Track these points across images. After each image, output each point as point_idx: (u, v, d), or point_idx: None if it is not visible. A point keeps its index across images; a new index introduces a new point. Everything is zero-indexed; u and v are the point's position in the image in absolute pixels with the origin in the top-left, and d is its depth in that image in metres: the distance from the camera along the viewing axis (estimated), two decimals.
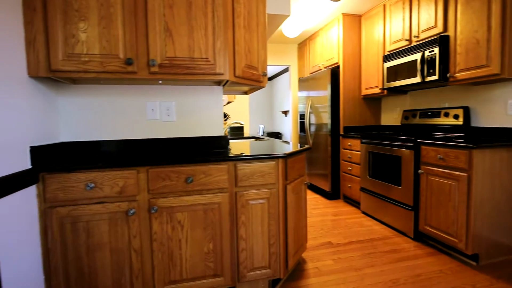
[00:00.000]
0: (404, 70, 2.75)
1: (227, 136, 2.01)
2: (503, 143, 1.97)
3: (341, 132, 3.64)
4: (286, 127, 6.79)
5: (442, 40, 2.36)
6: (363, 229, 2.70)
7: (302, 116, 4.37)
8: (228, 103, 4.44)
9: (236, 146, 2.05)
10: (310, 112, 4.11)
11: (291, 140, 5.20)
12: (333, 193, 3.73)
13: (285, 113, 6.85)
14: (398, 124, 3.43)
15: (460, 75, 2.27)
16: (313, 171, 4.12)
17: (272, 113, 8.00)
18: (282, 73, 7.01)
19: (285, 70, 6.71)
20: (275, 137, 7.16)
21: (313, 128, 4.08)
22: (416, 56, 2.59)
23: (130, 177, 1.42)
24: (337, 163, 3.70)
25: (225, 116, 4.00)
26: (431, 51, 2.44)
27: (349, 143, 3.43)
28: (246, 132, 4.58)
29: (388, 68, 2.99)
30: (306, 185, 1.99)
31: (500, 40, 1.97)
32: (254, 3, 1.85)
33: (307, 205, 3.44)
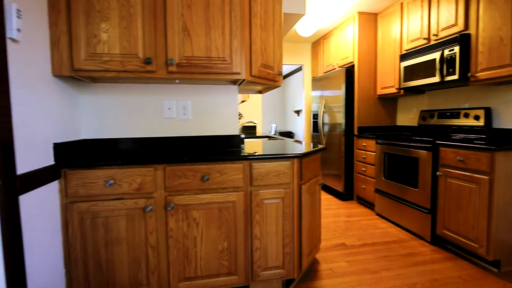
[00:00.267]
0: (422, 70, 2.68)
1: (242, 135, 2.01)
2: None
3: (355, 132, 3.59)
4: (299, 127, 6.75)
5: (463, 39, 2.29)
6: (378, 231, 2.66)
7: (315, 116, 4.34)
8: (242, 102, 4.46)
9: (250, 145, 2.05)
10: (324, 112, 4.07)
11: (303, 140, 5.16)
12: (346, 194, 3.68)
13: (297, 112, 6.81)
14: (414, 124, 3.35)
15: (482, 75, 2.19)
16: (326, 171, 4.08)
17: (285, 112, 7.97)
18: (295, 72, 6.96)
19: (298, 69, 6.66)
20: (287, 136, 7.13)
21: (326, 128, 4.04)
22: (435, 55, 2.52)
23: (147, 174, 1.45)
24: (350, 163, 3.65)
25: (239, 115, 4.01)
26: (451, 50, 2.37)
27: (363, 144, 3.38)
28: (259, 131, 4.58)
29: (405, 68, 2.92)
30: (321, 185, 1.98)
31: None
32: (270, 2, 1.85)
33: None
